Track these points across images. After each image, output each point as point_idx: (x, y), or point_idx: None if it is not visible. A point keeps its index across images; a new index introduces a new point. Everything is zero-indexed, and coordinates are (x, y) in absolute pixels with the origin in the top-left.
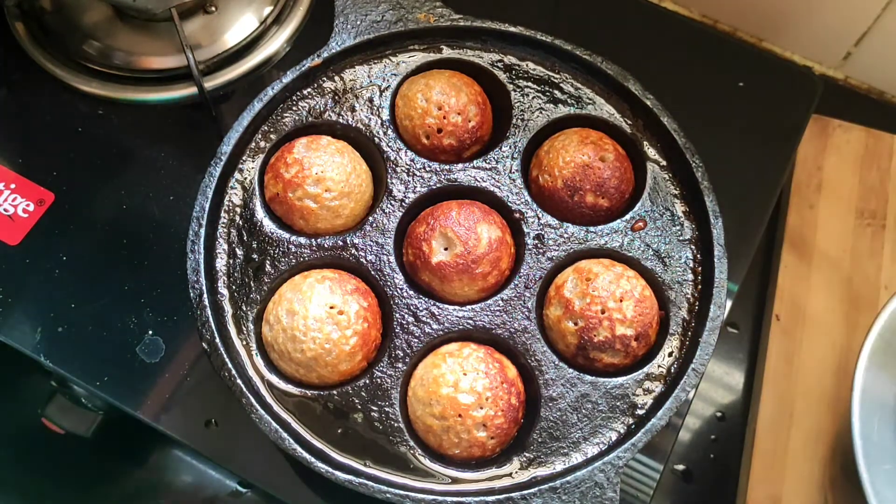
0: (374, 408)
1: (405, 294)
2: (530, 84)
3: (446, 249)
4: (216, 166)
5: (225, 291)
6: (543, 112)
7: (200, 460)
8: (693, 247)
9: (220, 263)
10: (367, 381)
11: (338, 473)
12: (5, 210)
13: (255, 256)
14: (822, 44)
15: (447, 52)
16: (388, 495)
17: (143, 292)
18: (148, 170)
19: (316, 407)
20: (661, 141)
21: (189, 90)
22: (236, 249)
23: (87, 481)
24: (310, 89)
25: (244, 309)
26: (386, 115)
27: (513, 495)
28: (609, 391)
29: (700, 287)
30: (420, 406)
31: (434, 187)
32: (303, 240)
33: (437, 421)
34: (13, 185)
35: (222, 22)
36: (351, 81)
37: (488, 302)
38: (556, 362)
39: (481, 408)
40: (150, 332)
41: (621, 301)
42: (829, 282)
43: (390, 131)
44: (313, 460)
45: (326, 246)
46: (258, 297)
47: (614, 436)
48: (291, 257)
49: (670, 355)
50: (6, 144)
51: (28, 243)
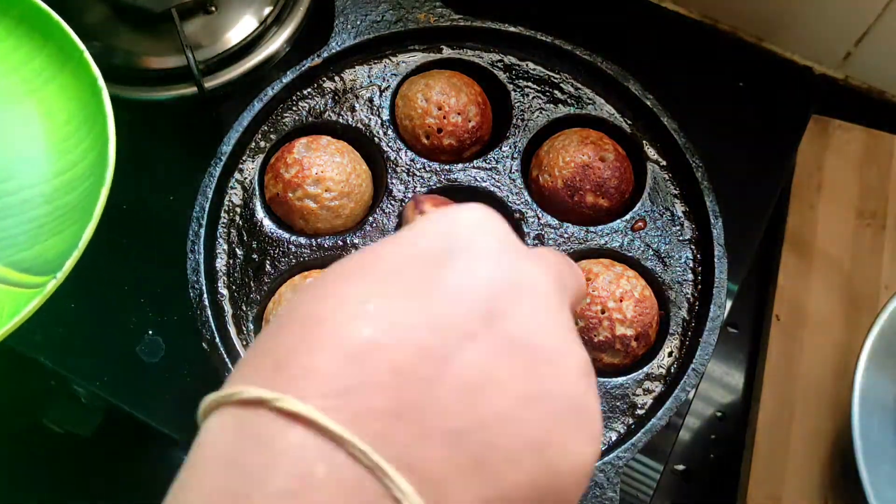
0: None
1: None
2: (530, 84)
3: None
4: (216, 166)
5: (225, 291)
6: (543, 112)
7: None
8: (693, 247)
9: (220, 263)
10: None
11: None
12: None
13: (255, 256)
14: (823, 44)
15: (447, 52)
16: None
17: (143, 292)
18: (147, 169)
19: None
20: (662, 141)
21: (189, 90)
22: (236, 249)
23: (86, 481)
24: (310, 89)
25: (244, 309)
26: (386, 115)
27: None
28: (609, 391)
29: (700, 287)
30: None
31: (434, 187)
32: (303, 240)
33: None
34: None
35: (222, 22)
36: (351, 81)
37: None
38: None
39: None
40: (150, 332)
41: (621, 301)
42: (830, 282)
43: (390, 131)
44: None
45: (326, 246)
46: (258, 297)
47: (614, 436)
48: (291, 257)
49: (670, 355)
50: None
51: None
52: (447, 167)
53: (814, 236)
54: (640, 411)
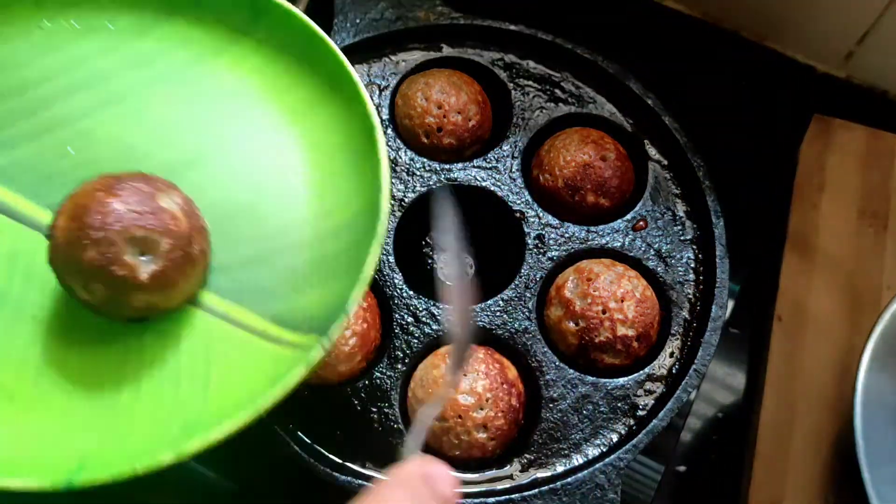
0: (374, 409)
1: (405, 294)
2: (531, 83)
3: None
4: None
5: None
6: (544, 111)
7: (200, 461)
8: (695, 247)
9: None
10: (367, 382)
11: (337, 475)
12: None
13: None
14: (824, 43)
15: (447, 51)
16: None
17: None
18: None
19: (315, 407)
20: (663, 140)
21: None
22: None
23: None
24: None
25: None
26: (385, 113)
27: (513, 497)
28: (610, 392)
29: (702, 287)
30: (420, 407)
31: (434, 187)
32: None
33: (437, 422)
34: None
35: None
36: None
37: (488, 302)
38: (557, 363)
39: (481, 409)
40: None
41: (622, 301)
42: (832, 282)
43: (390, 130)
44: (313, 461)
45: None
46: None
47: (615, 437)
48: None
49: (672, 356)
50: None
51: None
52: (447, 166)
53: (816, 236)
54: (641, 412)
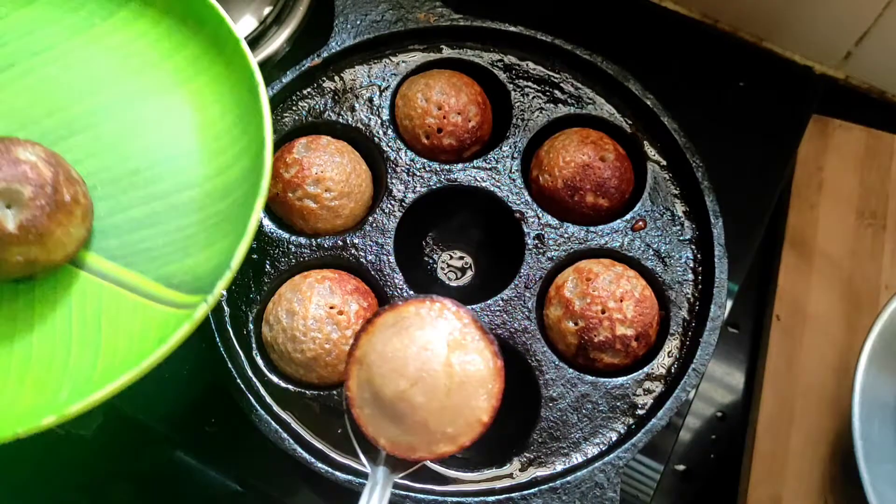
0: None
1: (405, 294)
2: (530, 84)
3: None
4: None
5: (224, 292)
6: (543, 112)
7: (200, 460)
8: (693, 247)
9: None
10: None
11: (338, 473)
12: None
13: (254, 256)
14: (823, 43)
15: (447, 52)
16: None
17: None
18: None
19: (316, 407)
20: (662, 141)
21: None
22: None
23: (87, 481)
24: (309, 89)
25: (244, 309)
26: (386, 114)
27: (513, 495)
28: (609, 391)
29: (700, 287)
30: None
31: (434, 187)
32: (302, 240)
33: None
34: None
35: None
36: (351, 81)
37: (488, 302)
38: (557, 362)
39: None
40: None
41: (622, 301)
42: (830, 282)
43: (390, 131)
44: (313, 460)
45: (326, 246)
46: (258, 297)
47: (615, 436)
48: (291, 257)
49: (670, 355)
50: None
51: None
52: (447, 167)
53: (814, 236)
54: (640, 411)
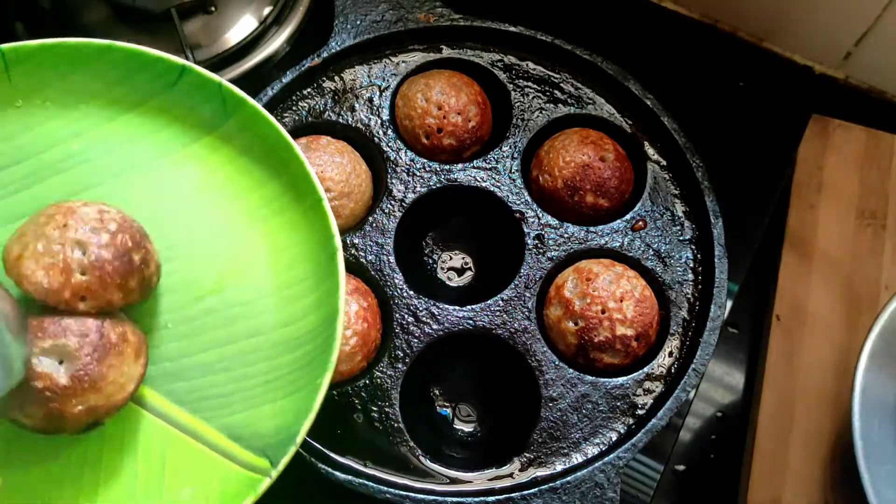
0: (374, 408)
1: (405, 294)
2: (530, 84)
3: None
4: None
5: None
6: (543, 112)
7: None
8: (693, 247)
9: None
10: (367, 382)
11: (338, 473)
12: None
13: None
14: (823, 43)
15: (447, 52)
16: (387, 495)
17: None
18: None
19: None
20: (662, 141)
21: None
22: None
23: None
24: (309, 89)
25: None
26: (386, 114)
27: (513, 496)
28: (609, 391)
29: (700, 287)
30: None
31: (434, 187)
32: None
33: None
34: None
35: (222, 22)
36: (351, 81)
37: (488, 302)
38: (557, 362)
39: None
40: None
41: (621, 301)
42: (830, 282)
43: (390, 131)
44: (313, 460)
45: None
46: None
47: (615, 436)
48: None
49: (671, 355)
50: None
51: None
52: (447, 167)
53: (814, 236)
54: (640, 411)
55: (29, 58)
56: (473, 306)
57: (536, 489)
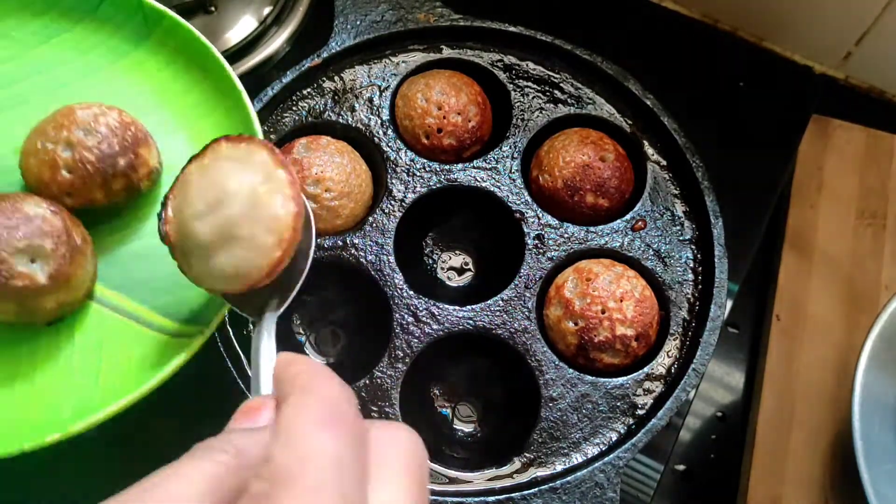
0: (374, 408)
1: (405, 294)
2: (530, 84)
3: None
4: None
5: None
6: (543, 112)
7: None
8: (693, 247)
9: None
10: (367, 382)
11: None
12: None
13: None
14: (823, 43)
15: (447, 52)
16: None
17: None
18: None
19: None
20: (662, 141)
21: None
22: None
23: (86, 481)
24: (309, 89)
25: None
26: (386, 115)
27: (513, 495)
28: (609, 391)
29: (700, 287)
30: None
31: (434, 187)
32: None
33: None
34: None
35: (222, 22)
36: (351, 81)
37: (488, 302)
38: (557, 362)
39: None
40: None
41: (621, 301)
42: (830, 282)
43: (390, 131)
44: None
45: (326, 246)
46: None
47: (615, 436)
48: None
49: (670, 355)
50: None
51: None
52: (447, 167)
53: (814, 236)
54: (640, 411)
55: None
56: (473, 306)
57: (536, 489)
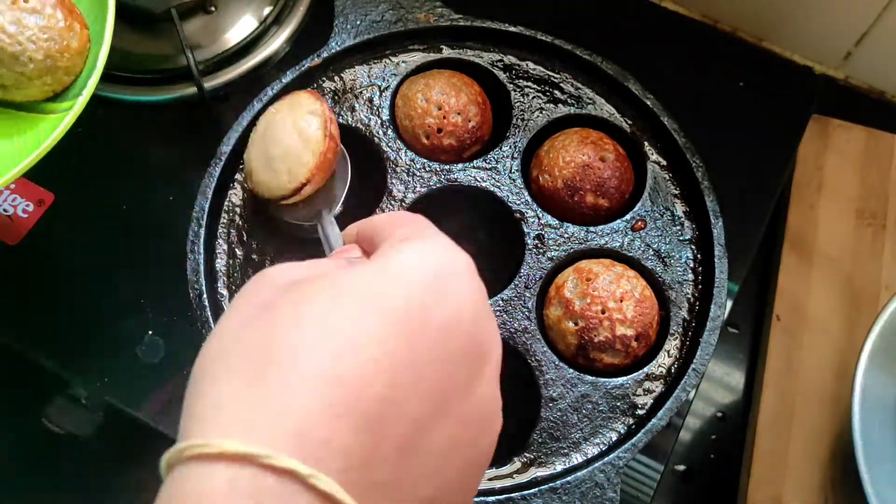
0: None
1: None
2: (530, 84)
3: None
4: (216, 166)
5: (225, 292)
6: (543, 112)
7: None
8: (693, 247)
9: (220, 264)
10: None
11: None
12: (5, 210)
13: (255, 257)
14: (823, 44)
15: (447, 52)
16: None
17: (143, 292)
18: (147, 170)
19: None
20: (662, 141)
21: (188, 90)
22: (236, 250)
23: (87, 482)
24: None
25: None
26: (386, 115)
27: (513, 496)
28: (609, 391)
29: (700, 287)
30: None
31: (434, 187)
32: None
33: None
34: (13, 186)
35: (222, 22)
36: (351, 81)
37: (488, 302)
38: (557, 362)
39: None
40: (150, 332)
41: (621, 301)
42: (830, 282)
43: (390, 131)
44: None
45: None
46: None
47: (615, 436)
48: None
49: (670, 355)
50: None
51: (27, 243)
52: (447, 167)
53: (814, 236)
54: (640, 411)
55: None
56: None
57: (536, 489)
